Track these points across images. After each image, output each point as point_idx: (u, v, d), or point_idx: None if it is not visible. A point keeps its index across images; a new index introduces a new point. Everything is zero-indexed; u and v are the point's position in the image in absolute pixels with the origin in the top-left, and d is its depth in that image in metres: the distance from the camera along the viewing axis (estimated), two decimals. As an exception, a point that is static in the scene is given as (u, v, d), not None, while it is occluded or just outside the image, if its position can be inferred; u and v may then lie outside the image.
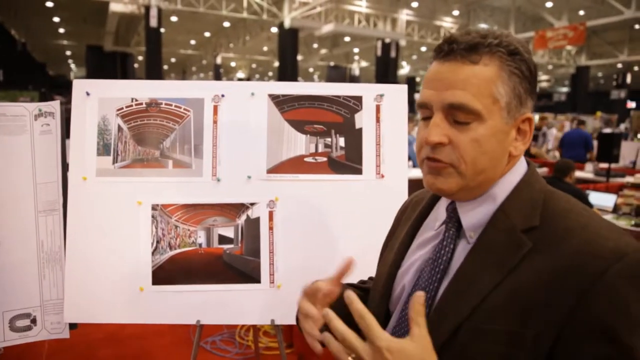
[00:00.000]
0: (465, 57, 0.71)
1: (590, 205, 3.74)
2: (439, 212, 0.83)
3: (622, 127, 14.10)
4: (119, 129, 1.68)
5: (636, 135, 10.20)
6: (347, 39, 21.17)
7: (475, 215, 0.76)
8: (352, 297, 0.64)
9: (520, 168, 0.77)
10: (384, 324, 0.83)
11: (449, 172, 0.73)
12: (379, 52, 18.23)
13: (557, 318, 0.64)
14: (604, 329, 0.62)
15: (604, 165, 6.00)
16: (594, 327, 0.62)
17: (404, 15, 18.15)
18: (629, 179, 4.74)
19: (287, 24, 16.54)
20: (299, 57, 19.21)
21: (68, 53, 25.13)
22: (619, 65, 22.54)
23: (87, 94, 1.67)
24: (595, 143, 6.81)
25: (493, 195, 0.75)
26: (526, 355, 0.65)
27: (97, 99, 1.68)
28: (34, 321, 1.70)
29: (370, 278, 1.16)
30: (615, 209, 4.07)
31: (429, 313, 0.74)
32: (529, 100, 0.74)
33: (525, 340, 0.65)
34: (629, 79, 21.47)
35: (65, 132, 1.73)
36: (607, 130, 10.10)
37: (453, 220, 0.78)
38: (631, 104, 20.41)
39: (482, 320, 0.68)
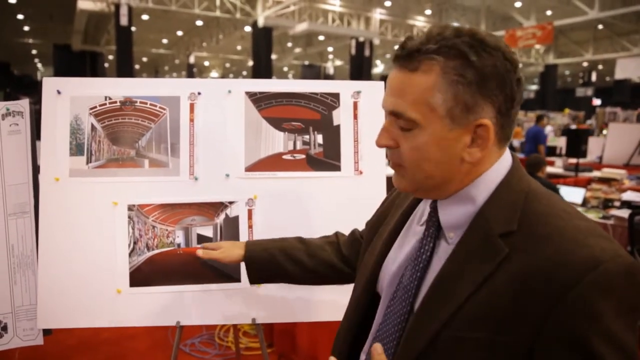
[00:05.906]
0: (405, 65, 0.70)
1: (561, 199, 3.85)
2: (426, 206, 0.82)
3: (588, 123, 14.57)
4: (93, 128, 1.64)
5: (601, 132, 10.54)
6: (321, 37, 21.18)
7: (452, 215, 0.75)
8: None
9: (502, 167, 0.74)
10: (369, 305, 0.88)
11: (401, 173, 0.76)
12: (353, 51, 18.30)
13: (530, 327, 0.63)
14: (575, 339, 0.61)
15: (573, 160, 6.20)
16: (565, 338, 0.62)
17: (378, 14, 18.28)
18: (596, 174, 4.89)
19: (260, 22, 16.42)
20: (273, 56, 19.12)
21: (34, 52, 24.28)
22: (585, 64, 23.30)
23: (58, 92, 1.63)
24: (564, 139, 7.14)
25: (471, 195, 0.74)
26: None
27: (68, 98, 1.63)
28: (4, 328, 1.65)
29: (335, 234, 1.23)
30: (584, 203, 4.21)
31: (410, 312, 0.76)
32: (483, 106, 0.69)
33: (502, 348, 0.65)
34: (594, 77, 22.22)
35: (35, 134, 1.67)
36: (574, 127, 10.56)
37: (433, 219, 0.78)
38: (597, 101, 21.08)
39: (460, 328, 0.68)
